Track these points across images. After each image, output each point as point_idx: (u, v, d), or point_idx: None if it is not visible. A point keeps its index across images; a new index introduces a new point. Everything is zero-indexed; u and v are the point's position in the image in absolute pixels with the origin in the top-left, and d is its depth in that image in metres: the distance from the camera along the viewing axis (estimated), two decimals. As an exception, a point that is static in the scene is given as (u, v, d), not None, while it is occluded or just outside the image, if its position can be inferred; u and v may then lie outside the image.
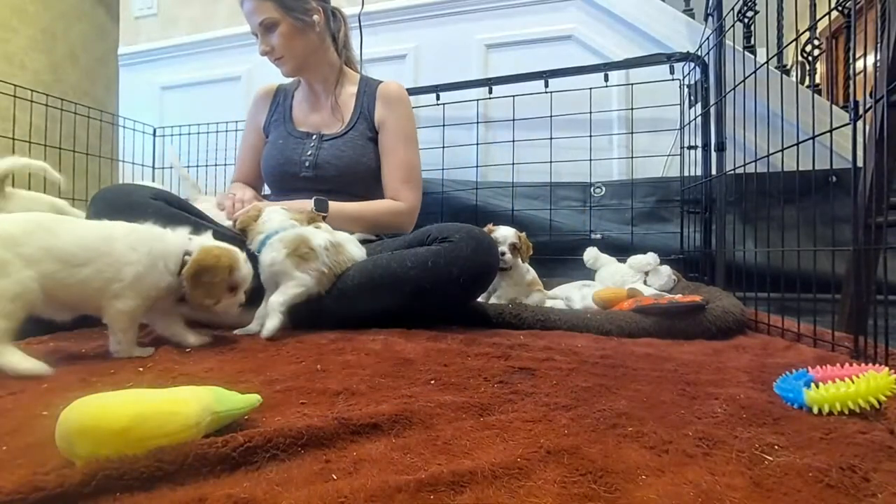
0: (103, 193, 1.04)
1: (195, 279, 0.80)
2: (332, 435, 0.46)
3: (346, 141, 1.34)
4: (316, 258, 0.99)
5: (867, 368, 0.59)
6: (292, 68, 1.35)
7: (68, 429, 0.39)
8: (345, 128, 1.36)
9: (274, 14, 1.26)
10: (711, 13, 1.55)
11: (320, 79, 1.39)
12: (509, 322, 1.08)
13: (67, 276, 0.73)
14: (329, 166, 1.31)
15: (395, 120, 1.35)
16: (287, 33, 1.27)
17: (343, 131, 1.35)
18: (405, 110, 1.38)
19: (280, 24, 1.27)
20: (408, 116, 1.38)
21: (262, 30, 1.29)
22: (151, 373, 0.70)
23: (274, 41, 1.28)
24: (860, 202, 0.91)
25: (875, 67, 0.94)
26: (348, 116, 1.37)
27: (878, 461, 0.42)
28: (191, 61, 2.53)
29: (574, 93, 1.78)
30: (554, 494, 0.37)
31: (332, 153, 1.32)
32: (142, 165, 2.37)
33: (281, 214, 1.06)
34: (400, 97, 1.38)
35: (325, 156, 1.32)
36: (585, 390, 0.62)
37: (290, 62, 1.32)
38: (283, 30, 1.27)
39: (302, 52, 1.32)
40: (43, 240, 0.72)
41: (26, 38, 2.62)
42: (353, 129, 1.35)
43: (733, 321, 1.04)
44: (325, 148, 1.33)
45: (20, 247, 0.70)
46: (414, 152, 1.37)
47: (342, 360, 0.76)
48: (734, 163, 1.36)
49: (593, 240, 1.72)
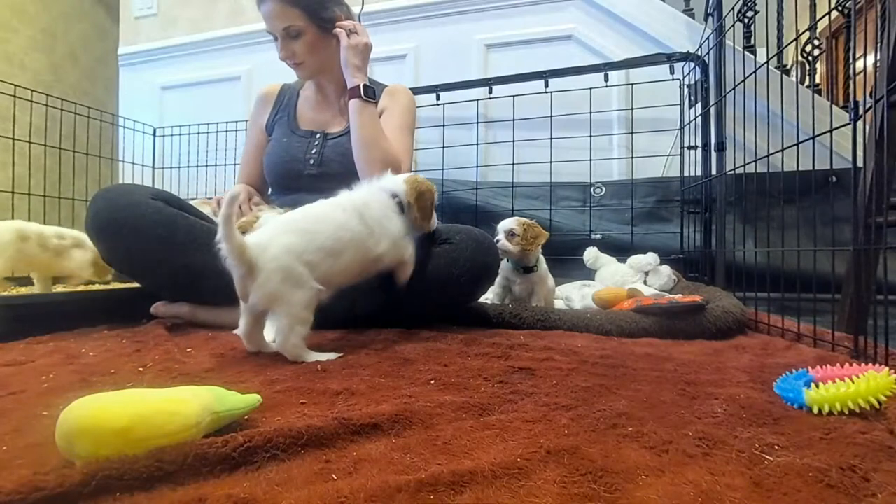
0: (104, 193, 1.04)
1: (419, 202, 0.95)
2: (332, 435, 0.46)
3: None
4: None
5: (867, 368, 0.59)
6: (311, 73, 1.34)
7: (68, 429, 0.39)
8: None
9: (300, 22, 1.23)
10: (711, 13, 1.55)
11: (333, 80, 1.38)
12: (509, 322, 1.08)
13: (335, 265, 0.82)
14: (334, 163, 1.30)
15: (393, 107, 1.36)
16: (313, 42, 1.25)
17: (348, 129, 1.35)
18: (406, 102, 1.38)
19: (306, 33, 1.24)
20: (407, 108, 1.38)
21: (284, 35, 1.25)
22: (151, 373, 0.70)
23: (296, 48, 1.26)
24: (860, 202, 0.90)
25: (875, 67, 0.94)
26: None
27: (878, 461, 0.42)
28: (191, 61, 2.53)
29: (574, 93, 1.78)
30: (554, 494, 0.37)
31: (337, 150, 1.31)
32: (142, 165, 2.37)
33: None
34: (404, 91, 1.41)
35: (329, 153, 1.31)
36: (585, 390, 0.62)
37: (310, 68, 1.31)
38: (308, 38, 1.25)
39: (323, 59, 1.30)
40: (315, 243, 0.80)
41: (26, 38, 2.62)
42: None
43: (733, 321, 1.04)
44: (329, 146, 1.33)
45: (303, 255, 0.78)
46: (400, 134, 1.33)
47: (342, 361, 0.77)
48: (734, 163, 1.36)
49: (593, 240, 1.72)
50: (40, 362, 0.75)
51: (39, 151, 1.79)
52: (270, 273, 0.75)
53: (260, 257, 0.75)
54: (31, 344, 0.89)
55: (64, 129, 1.87)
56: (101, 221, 1.00)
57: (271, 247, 0.76)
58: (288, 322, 0.76)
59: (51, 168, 1.87)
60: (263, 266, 0.75)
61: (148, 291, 1.09)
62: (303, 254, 0.78)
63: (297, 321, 0.76)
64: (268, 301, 0.76)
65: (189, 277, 1.03)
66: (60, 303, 1.12)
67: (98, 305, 1.14)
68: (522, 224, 1.26)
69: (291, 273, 0.76)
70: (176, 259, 1.00)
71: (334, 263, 0.82)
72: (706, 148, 1.58)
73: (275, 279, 0.75)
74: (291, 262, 0.76)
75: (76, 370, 0.71)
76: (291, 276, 0.76)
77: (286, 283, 0.76)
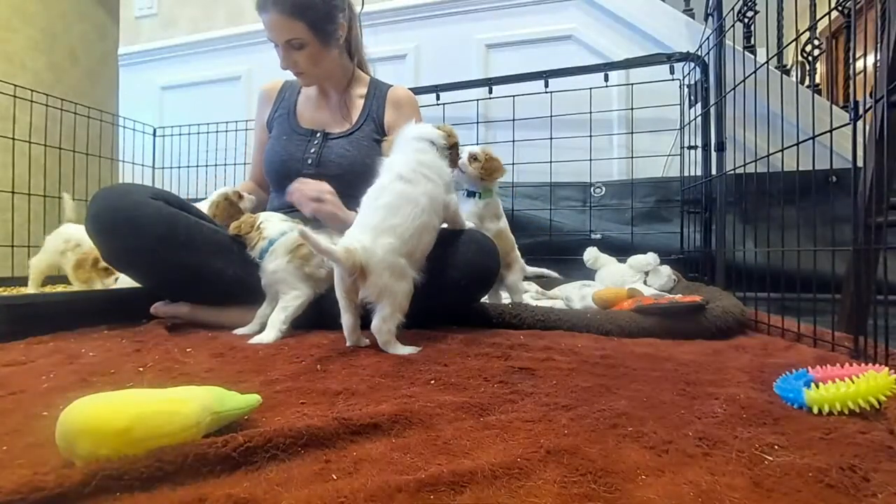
0: (104, 193, 1.04)
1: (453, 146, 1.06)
2: (332, 435, 0.46)
3: (352, 141, 1.33)
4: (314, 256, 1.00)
5: (867, 368, 0.59)
6: (314, 82, 1.33)
7: (68, 429, 0.39)
8: (351, 128, 1.35)
9: (303, 35, 1.20)
10: (711, 13, 1.55)
11: (333, 83, 1.38)
12: (509, 322, 1.08)
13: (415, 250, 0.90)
14: (332, 164, 1.30)
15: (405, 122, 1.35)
16: (315, 54, 1.24)
17: (349, 131, 1.35)
18: (411, 112, 1.38)
19: (308, 46, 1.22)
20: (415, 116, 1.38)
21: (286, 46, 1.23)
22: (151, 373, 0.70)
23: (299, 59, 1.24)
24: (860, 202, 0.90)
25: (875, 67, 0.94)
26: (356, 116, 1.37)
27: (878, 461, 0.42)
28: (191, 61, 2.53)
29: (574, 93, 1.78)
30: (554, 494, 0.37)
31: (336, 151, 1.31)
32: (142, 165, 2.37)
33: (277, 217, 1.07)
34: (410, 101, 1.39)
35: (328, 154, 1.31)
36: (585, 390, 0.62)
37: (312, 76, 1.30)
38: (311, 51, 1.23)
39: (325, 68, 1.30)
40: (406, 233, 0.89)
41: (26, 38, 2.62)
42: (359, 129, 1.35)
43: (733, 321, 1.04)
44: (329, 146, 1.32)
45: (401, 248, 0.87)
46: None
47: (342, 360, 0.77)
48: (734, 163, 1.36)
49: (593, 240, 1.72)
50: (40, 362, 0.75)
51: (39, 151, 1.78)
52: (382, 272, 0.85)
53: (370, 260, 0.84)
54: (31, 344, 0.89)
55: (64, 130, 1.87)
56: (102, 221, 1.00)
57: (377, 249, 0.86)
58: (391, 311, 0.85)
59: (51, 168, 1.87)
60: (374, 267, 0.85)
61: (148, 291, 1.09)
62: (401, 248, 0.88)
63: (398, 309, 0.86)
64: (378, 295, 0.86)
65: (189, 277, 1.03)
66: (60, 303, 1.12)
67: (98, 305, 1.14)
68: (486, 154, 1.28)
69: (396, 268, 0.87)
70: (176, 258, 1.00)
71: (421, 236, 0.92)
72: (706, 148, 1.58)
73: (385, 276, 0.85)
74: (395, 259, 0.87)
75: (76, 370, 0.71)
76: (397, 271, 0.87)
77: (393, 277, 0.86)
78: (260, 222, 1.05)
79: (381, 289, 0.85)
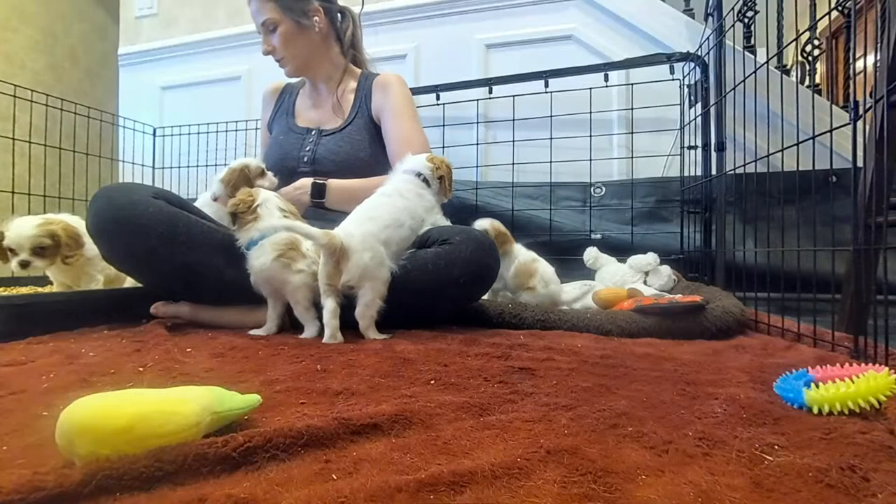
0: (104, 192, 1.04)
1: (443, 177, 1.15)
2: (332, 435, 0.46)
3: (344, 136, 1.35)
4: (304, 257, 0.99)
5: (867, 368, 0.59)
6: (294, 69, 1.38)
7: (68, 429, 0.39)
8: (343, 123, 1.37)
9: (274, 15, 1.28)
10: (711, 13, 1.55)
11: (323, 77, 1.40)
12: (509, 322, 1.08)
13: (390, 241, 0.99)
14: (326, 161, 1.32)
15: (391, 101, 1.37)
16: (286, 34, 1.30)
17: (341, 126, 1.37)
18: (400, 90, 1.39)
19: (280, 25, 1.29)
20: (404, 95, 1.39)
21: (264, 30, 1.32)
22: (151, 373, 0.70)
23: (275, 41, 1.31)
24: (860, 202, 0.90)
25: (875, 67, 0.94)
26: (348, 111, 1.38)
27: (878, 461, 0.42)
28: (191, 61, 2.53)
29: (574, 93, 1.78)
30: (554, 494, 0.37)
31: (329, 148, 1.33)
32: (142, 165, 2.37)
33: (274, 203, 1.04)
34: (396, 81, 1.41)
35: (322, 151, 1.33)
36: (585, 390, 0.62)
37: (291, 63, 1.36)
38: (282, 30, 1.30)
39: (302, 53, 1.34)
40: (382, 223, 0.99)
41: (26, 38, 2.63)
42: (351, 123, 1.37)
43: (733, 321, 1.04)
44: (323, 143, 1.34)
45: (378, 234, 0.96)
46: (412, 126, 1.36)
47: (342, 360, 0.77)
48: (734, 163, 1.36)
49: (593, 240, 1.72)
50: (40, 362, 0.75)
51: (39, 151, 1.78)
52: (363, 252, 0.92)
53: (350, 241, 0.92)
54: (31, 344, 0.89)
55: (64, 129, 1.86)
56: (102, 220, 1.00)
57: (356, 234, 0.93)
58: (372, 296, 0.93)
59: (51, 168, 1.87)
60: (356, 249, 0.92)
61: (148, 291, 1.09)
62: (378, 234, 0.96)
63: (378, 295, 0.93)
64: (359, 277, 0.92)
65: (190, 276, 1.03)
66: (60, 303, 1.12)
67: (98, 305, 1.14)
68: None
69: (376, 252, 0.94)
70: (177, 258, 1.00)
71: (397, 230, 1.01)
72: (706, 148, 1.58)
73: (366, 256, 0.92)
74: (374, 243, 0.94)
75: (76, 370, 0.71)
76: (377, 255, 0.94)
77: (374, 261, 0.93)
78: (258, 205, 1.02)
79: (362, 270, 0.91)
